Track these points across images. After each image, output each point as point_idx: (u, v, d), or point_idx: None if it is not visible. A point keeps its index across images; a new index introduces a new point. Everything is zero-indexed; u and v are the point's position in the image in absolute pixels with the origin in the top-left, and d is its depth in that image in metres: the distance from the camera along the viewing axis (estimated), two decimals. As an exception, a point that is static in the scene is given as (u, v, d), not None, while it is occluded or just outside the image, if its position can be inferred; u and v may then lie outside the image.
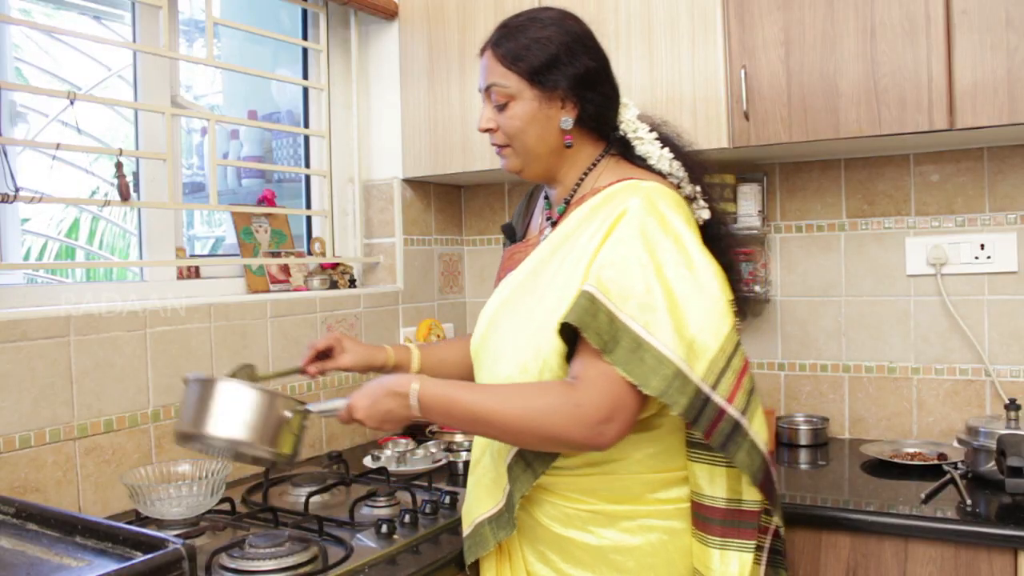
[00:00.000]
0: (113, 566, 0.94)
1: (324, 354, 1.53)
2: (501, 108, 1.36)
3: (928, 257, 2.09)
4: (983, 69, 1.70)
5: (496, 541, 1.34)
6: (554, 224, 1.40)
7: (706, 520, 1.26)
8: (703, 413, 1.18)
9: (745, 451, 1.21)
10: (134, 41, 1.96)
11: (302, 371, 1.52)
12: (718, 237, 1.37)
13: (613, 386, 1.18)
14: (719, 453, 1.23)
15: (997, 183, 2.04)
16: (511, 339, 1.33)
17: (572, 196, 1.39)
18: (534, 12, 1.38)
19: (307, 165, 2.46)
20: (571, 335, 1.23)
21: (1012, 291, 2.02)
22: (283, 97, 2.54)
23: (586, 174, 1.39)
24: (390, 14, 2.42)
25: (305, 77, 2.44)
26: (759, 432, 1.23)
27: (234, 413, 1.25)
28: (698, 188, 1.38)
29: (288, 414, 1.28)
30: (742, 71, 1.91)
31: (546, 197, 1.48)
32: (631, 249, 1.22)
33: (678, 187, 1.36)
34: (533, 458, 1.29)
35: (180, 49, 2.06)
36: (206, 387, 1.28)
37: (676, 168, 1.38)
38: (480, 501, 1.39)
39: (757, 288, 2.23)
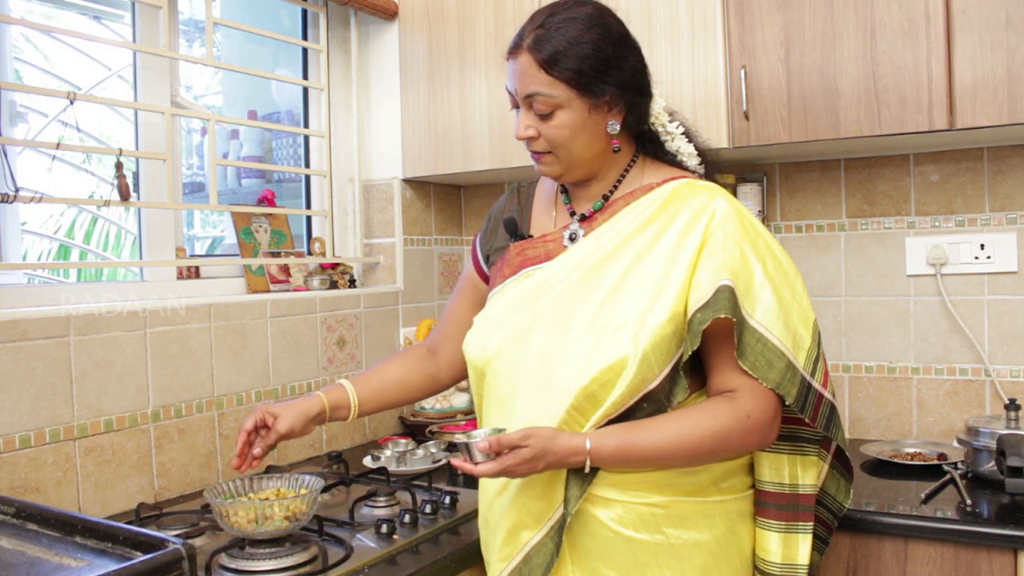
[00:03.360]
0: (113, 566, 0.94)
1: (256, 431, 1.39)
2: (544, 117, 1.29)
3: (928, 257, 2.09)
4: (983, 69, 1.70)
5: (550, 566, 1.23)
6: (583, 219, 1.38)
7: (768, 506, 1.31)
8: (808, 400, 1.25)
9: (842, 430, 1.31)
10: (134, 41, 1.95)
11: (238, 467, 1.36)
12: None
13: (766, 387, 1.23)
14: (821, 433, 1.30)
15: (997, 183, 2.04)
16: (577, 342, 1.25)
17: (611, 194, 1.37)
18: (568, 8, 1.30)
19: (307, 165, 2.46)
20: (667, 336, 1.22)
21: (1012, 291, 2.02)
22: (283, 97, 2.54)
23: (626, 171, 1.38)
24: (390, 14, 2.42)
25: (305, 77, 2.44)
26: None
27: None
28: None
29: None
30: (742, 71, 1.91)
31: (564, 191, 1.43)
32: (741, 248, 1.25)
33: None
34: None
35: (180, 49, 2.06)
36: None
37: (697, 165, 1.41)
38: (524, 518, 1.27)
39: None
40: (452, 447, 2.07)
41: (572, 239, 1.37)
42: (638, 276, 1.26)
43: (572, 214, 1.40)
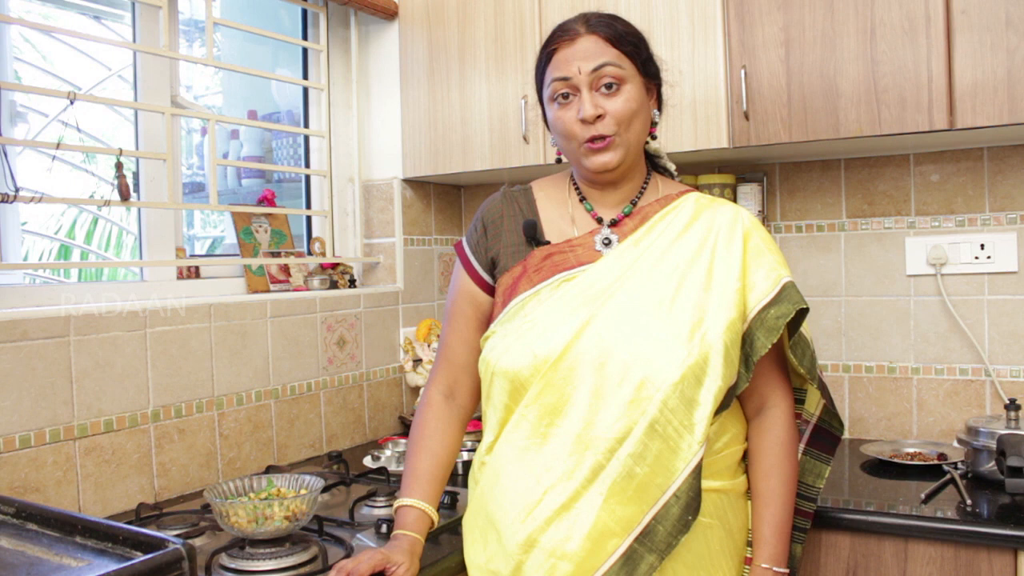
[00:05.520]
0: (113, 566, 0.94)
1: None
2: (611, 90, 1.30)
3: (928, 257, 2.09)
4: (983, 69, 1.70)
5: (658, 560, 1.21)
6: (613, 225, 1.38)
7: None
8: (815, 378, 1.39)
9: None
10: (134, 41, 1.96)
11: None
12: None
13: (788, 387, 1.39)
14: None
15: (997, 183, 2.04)
16: (652, 343, 1.24)
17: (638, 199, 1.41)
18: (601, 12, 1.41)
19: (307, 165, 2.46)
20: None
21: (1012, 291, 2.02)
22: (283, 97, 2.54)
23: (648, 177, 1.43)
24: (390, 14, 2.42)
25: (305, 77, 2.44)
26: None
27: None
28: None
29: None
30: (742, 71, 1.91)
31: (582, 198, 1.42)
32: (778, 251, 1.37)
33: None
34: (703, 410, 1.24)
35: (180, 49, 2.06)
36: None
37: (673, 170, 1.50)
38: (620, 513, 1.21)
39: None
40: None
41: (606, 244, 1.37)
42: (694, 280, 1.30)
43: (598, 220, 1.40)
